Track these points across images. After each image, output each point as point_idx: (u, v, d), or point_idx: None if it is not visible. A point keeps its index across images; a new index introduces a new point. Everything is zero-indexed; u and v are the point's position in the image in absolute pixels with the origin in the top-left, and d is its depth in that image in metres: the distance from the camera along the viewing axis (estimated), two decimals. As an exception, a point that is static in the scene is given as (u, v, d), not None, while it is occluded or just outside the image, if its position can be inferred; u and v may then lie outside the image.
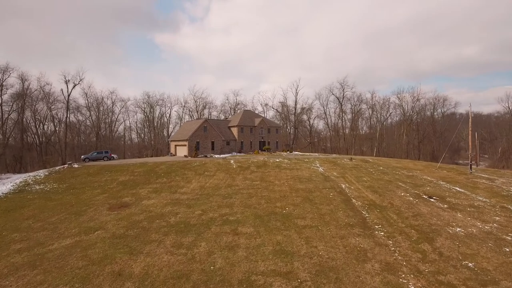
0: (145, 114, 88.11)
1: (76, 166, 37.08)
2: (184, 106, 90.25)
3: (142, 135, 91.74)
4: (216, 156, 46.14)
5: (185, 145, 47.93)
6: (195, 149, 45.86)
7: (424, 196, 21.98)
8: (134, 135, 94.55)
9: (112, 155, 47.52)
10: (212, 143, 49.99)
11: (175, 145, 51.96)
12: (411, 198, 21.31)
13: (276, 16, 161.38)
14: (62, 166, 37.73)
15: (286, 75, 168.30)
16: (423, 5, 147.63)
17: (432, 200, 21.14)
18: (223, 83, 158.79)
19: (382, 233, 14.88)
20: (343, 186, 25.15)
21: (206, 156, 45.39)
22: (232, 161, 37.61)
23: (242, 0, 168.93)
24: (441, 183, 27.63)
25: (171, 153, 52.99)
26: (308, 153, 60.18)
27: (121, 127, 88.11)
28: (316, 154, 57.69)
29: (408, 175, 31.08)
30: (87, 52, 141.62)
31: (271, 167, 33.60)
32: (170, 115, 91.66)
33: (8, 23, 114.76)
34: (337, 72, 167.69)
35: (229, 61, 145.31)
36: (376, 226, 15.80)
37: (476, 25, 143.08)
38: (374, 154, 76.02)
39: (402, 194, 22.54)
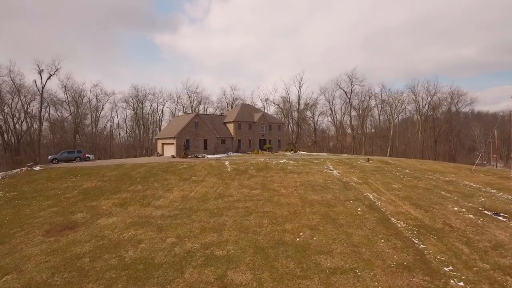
0: (134, 110, 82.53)
1: (37, 168, 31.51)
2: (177, 102, 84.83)
3: (133, 134, 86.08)
4: (209, 156, 40.61)
5: (172, 144, 42.36)
6: (184, 148, 40.30)
7: (487, 212, 16.48)
8: (124, 133, 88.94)
9: (87, 155, 42.01)
10: (205, 141, 44.43)
11: (162, 144, 46.39)
12: (472, 216, 15.81)
13: (276, 17, 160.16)
14: (20, 169, 32.13)
15: (286, 75, 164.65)
16: (422, 5, 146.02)
17: (501, 218, 15.65)
18: (223, 83, 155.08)
19: (462, 284, 9.39)
20: (371, 196, 19.64)
21: (197, 157, 39.85)
22: (227, 163, 32.09)
23: (242, 1, 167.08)
24: (492, 191, 22.18)
25: (158, 153, 47.42)
26: (315, 153, 54.68)
27: (109, 125, 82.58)
28: (325, 154, 52.19)
29: (446, 181, 25.61)
30: (88, 53, 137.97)
31: (275, 171, 28.08)
32: (162, 111, 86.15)
33: (7, 24, 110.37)
34: (336, 73, 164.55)
35: (229, 61, 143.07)
36: (445, 269, 10.29)
37: (475, 25, 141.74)
38: (388, 154, 70.55)
39: (456, 209, 17.03)
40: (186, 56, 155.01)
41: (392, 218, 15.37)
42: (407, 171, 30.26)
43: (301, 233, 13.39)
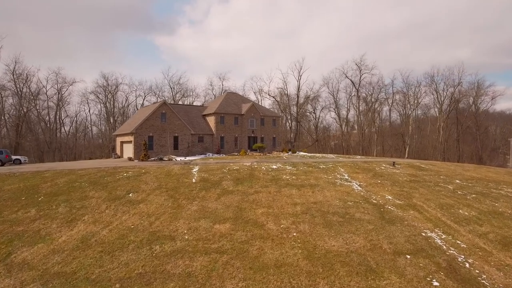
0: (103, 102, 73.26)
1: None
2: (158, 95, 75.76)
3: (105, 131, 76.57)
4: (179, 159, 31.67)
5: (130, 142, 33.33)
6: (144, 148, 31.23)
7: None
8: (97, 131, 79.50)
9: (17, 157, 32.95)
10: (175, 138, 35.37)
11: (121, 142, 37.33)
12: None
13: (274, 19, 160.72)
14: None
15: (284, 69, 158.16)
16: (420, 8, 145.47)
17: None
18: (222, 83, 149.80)
19: None
20: (437, 239, 10.88)
21: (162, 159, 30.90)
22: (195, 169, 23.15)
23: (241, 3, 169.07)
24: None
25: (116, 154, 38.33)
26: (319, 154, 45.81)
27: (75, 121, 73.16)
28: (332, 155, 43.27)
29: (533, 200, 16.98)
30: (88, 53, 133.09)
31: (262, 182, 19.18)
32: (142, 105, 76.85)
33: (7, 25, 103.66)
34: (336, 73, 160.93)
35: (228, 62, 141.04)
36: None
37: (470, 27, 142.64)
38: (406, 155, 62.00)
39: None
40: (185, 58, 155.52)
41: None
42: (458, 181, 21.63)
43: None
